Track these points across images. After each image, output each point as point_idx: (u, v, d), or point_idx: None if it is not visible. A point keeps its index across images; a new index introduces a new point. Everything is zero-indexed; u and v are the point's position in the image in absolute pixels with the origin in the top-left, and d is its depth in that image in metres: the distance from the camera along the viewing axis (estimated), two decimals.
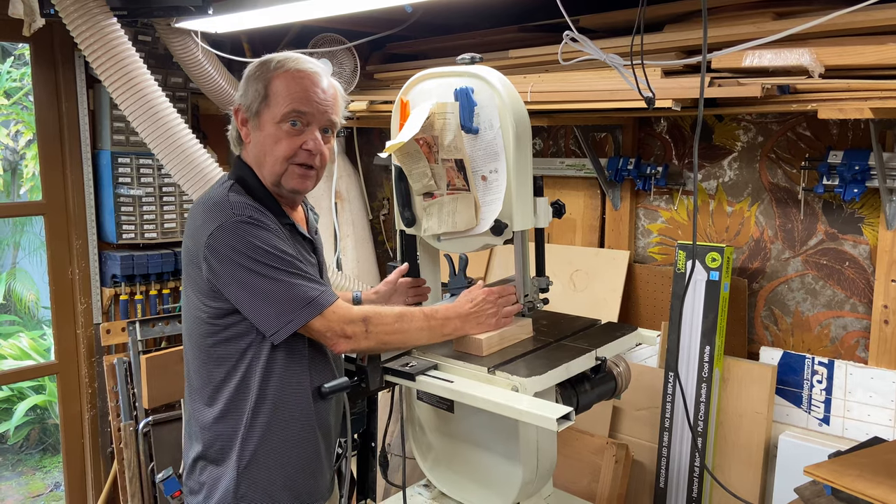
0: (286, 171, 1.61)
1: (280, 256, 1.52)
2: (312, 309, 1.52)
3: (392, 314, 1.62)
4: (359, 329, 1.56)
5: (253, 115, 1.61)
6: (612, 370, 1.84)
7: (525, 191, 1.71)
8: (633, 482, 2.52)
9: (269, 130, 1.59)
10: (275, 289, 1.51)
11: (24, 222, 7.41)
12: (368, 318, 1.58)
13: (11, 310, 7.23)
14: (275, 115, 1.58)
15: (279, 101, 1.58)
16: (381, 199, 3.75)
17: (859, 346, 2.28)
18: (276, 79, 1.58)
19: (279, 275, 1.51)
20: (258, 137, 1.61)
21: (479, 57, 1.75)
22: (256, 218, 1.53)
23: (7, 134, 7.24)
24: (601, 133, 2.81)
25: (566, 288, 2.81)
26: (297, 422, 1.63)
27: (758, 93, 1.93)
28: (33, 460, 5.82)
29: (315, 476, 1.68)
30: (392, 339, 1.62)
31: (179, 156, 2.60)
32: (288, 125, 1.58)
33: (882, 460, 1.76)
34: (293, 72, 1.59)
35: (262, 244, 1.51)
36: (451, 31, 2.97)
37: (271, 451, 1.61)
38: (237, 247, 1.50)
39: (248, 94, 1.61)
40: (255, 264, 1.50)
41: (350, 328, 1.55)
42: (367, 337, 1.57)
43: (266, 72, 1.60)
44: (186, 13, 2.61)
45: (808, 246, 2.36)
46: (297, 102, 1.58)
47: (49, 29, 2.85)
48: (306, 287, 1.53)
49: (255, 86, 1.60)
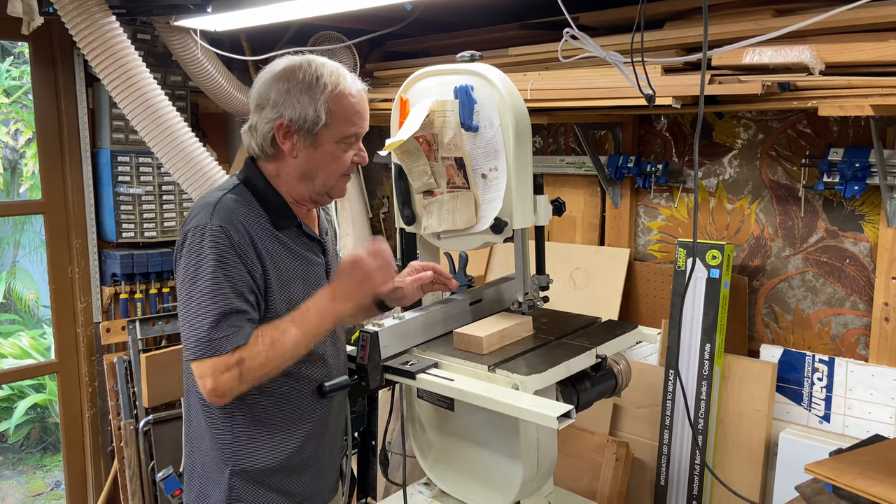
0: (336, 183, 1.67)
1: (218, 282, 1.48)
2: (204, 347, 1.47)
3: (263, 346, 1.50)
4: (231, 377, 1.47)
5: (308, 132, 1.60)
6: (613, 368, 1.83)
7: (525, 189, 1.71)
8: (633, 480, 2.52)
9: (328, 149, 1.62)
10: (190, 311, 1.50)
11: (24, 221, 7.41)
12: (242, 360, 1.48)
13: (12, 309, 7.23)
14: (335, 135, 1.61)
15: (341, 125, 1.60)
16: (380, 198, 3.74)
17: (860, 343, 2.27)
18: (335, 101, 1.59)
19: (206, 299, 1.48)
20: (312, 154, 1.62)
21: (479, 55, 1.74)
22: (227, 232, 1.51)
23: (7, 132, 7.23)
24: (601, 131, 2.81)
25: (566, 286, 2.81)
26: (288, 423, 1.62)
27: (758, 90, 1.93)
28: (34, 459, 5.82)
29: (312, 478, 1.67)
30: (270, 370, 1.51)
31: (179, 154, 2.60)
32: (345, 144, 1.63)
33: (883, 458, 1.76)
34: (350, 94, 1.62)
35: (214, 259, 1.49)
36: (451, 29, 2.97)
37: (261, 453, 1.60)
38: (192, 250, 1.51)
39: (298, 111, 1.58)
40: (195, 277, 1.49)
41: (222, 379, 1.47)
42: (242, 382, 1.49)
43: (320, 92, 1.58)
44: (185, 11, 2.60)
45: (809, 243, 2.36)
46: (357, 126, 1.63)
47: (48, 27, 2.84)
48: (220, 314, 1.48)
49: (312, 105, 1.58)
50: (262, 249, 1.56)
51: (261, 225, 1.58)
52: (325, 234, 1.77)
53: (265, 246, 1.57)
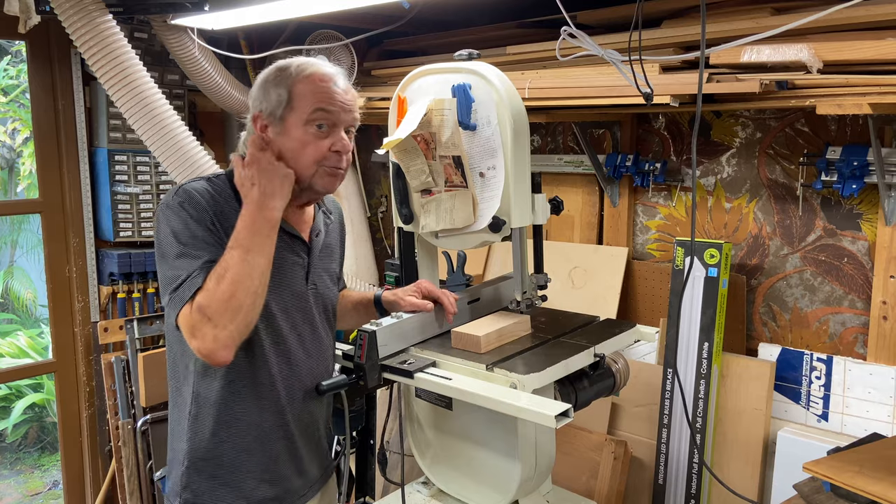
0: (316, 174, 1.62)
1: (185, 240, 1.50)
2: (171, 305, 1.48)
3: (214, 281, 1.44)
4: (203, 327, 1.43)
5: (277, 120, 1.60)
6: (611, 367, 1.83)
7: (523, 187, 1.70)
8: (631, 479, 2.52)
9: (296, 134, 1.59)
10: (163, 280, 1.53)
11: (22, 220, 7.41)
12: (201, 305, 1.44)
13: (9, 308, 7.23)
14: (301, 117, 1.58)
15: (305, 104, 1.58)
16: (378, 197, 3.74)
17: (858, 342, 2.27)
18: (299, 83, 1.59)
19: (177, 264, 1.49)
20: (284, 142, 1.61)
21: (477, 53, 1.74)
22: (184, 207, 1.52)
23: (4, 131, 7.22)
24: (599, 129, 2.81)
25: (564, 285, 2.81)
26: (243, 424, 1.61)
27: (756, 88, 1.93)
28: (31, 459, 5.81)
29: (272, 480, 1.65)
30: (240, 301, 1.44)
31: (176, 153, 2.59)
32: (314, 128, 1.59)
33: (881, 456, 1.76)
34: (317, 75, 1.60)
35: (170, 231, 1.51)
36: (449, 28, 2.97)
37: (214, 450, 1.61)
38: (157, 227, 1.55)
39: (268, 99, 1.60)
40: (160, 253, 1.53)
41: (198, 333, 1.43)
42: (217, 326, 1.42)
43: (287, 77, 1.59)
44: (183, 10, 2.60)
45: (807, 242, 2.36)
46: (322, 103, 1.59)
47: (45, 26, 2.84)
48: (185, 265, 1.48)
49: (277, 91, 1.59)
50: (225, 233, 1.54)
51: (231, 211, 1.57)
52: (315, 235, 1.74)
53: (230, 231, 1.53)
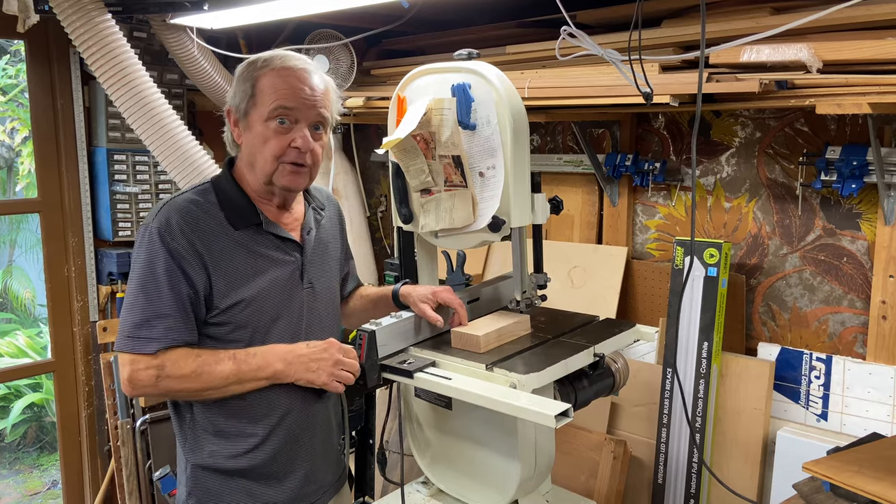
0: (277, 170, 1.60)
1: (148, 285, 1.51)
2: (126, 342, 1.51)
3: (192, 365, 1.50)
4: (149, 376, 1.49)
5: (242, 115, 1.60)
6: (611, 366, 1.83)
7: (523, 187, 1.70)
8: (631, 478, 2.52)
9: (258, 129, 1.58)
10: (126, 303, 1.54)
11: (21, 220, 7.40)
12: (163, 365, 1.49)
13: (8, 307, 7.22)
14: (262, 113, 1.57)
15: (265, 99, 1.57)
16: (378, 196, 3.74)
17: (857, 341, 2.28)
18: (262, 77, 1.58)
19: (138, 297, 1.51)
20: (248, 138, 1.61)
21: (477, 53, 1.74)
22: (164, 238, 1.52)
23: (3, 131, 7.21)
24: (599, 129, 2.81)
25: (564, 284, 2.80)
26: (244, 427, 1.61)
27: (756, 88, 1.93)
28: (30, 458, 5.81)
29: (277, 484, 1.65)
30: (192, 389, 1.52)
31: (175, 153, 2.59)
32: (275, 123, 1.57)
33: (881, 456, 1.76)
34: (279, 69, 1.58)
35: (146, 262, 1.52)
36: (448, 27, 2.97)
37: (215, 455, 1.61)
38: (136, 248, 1.55)
39: (237, 94, 1.61)
40: (133, 273, 1.53)
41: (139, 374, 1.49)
42: (158, 386, 1.50)
43: (253, 71, 1.59)
44: (182, 9, 2.60)
45: (806, 242, 2.36)
46: (282, 99, 1.56)
47: (44, 25, 2.83)
48: (145, 317, 1.50)
49: (243, 86, 1.59)
50: (206, 253, 1.54)
51: (214, 225, 1.57)
52: (307, 233, 1.73)
53: (213, 248, 1.55)
